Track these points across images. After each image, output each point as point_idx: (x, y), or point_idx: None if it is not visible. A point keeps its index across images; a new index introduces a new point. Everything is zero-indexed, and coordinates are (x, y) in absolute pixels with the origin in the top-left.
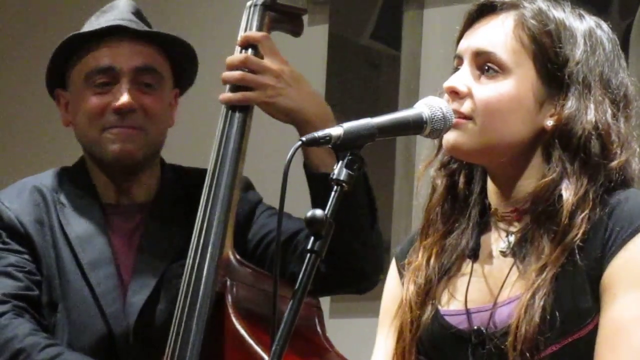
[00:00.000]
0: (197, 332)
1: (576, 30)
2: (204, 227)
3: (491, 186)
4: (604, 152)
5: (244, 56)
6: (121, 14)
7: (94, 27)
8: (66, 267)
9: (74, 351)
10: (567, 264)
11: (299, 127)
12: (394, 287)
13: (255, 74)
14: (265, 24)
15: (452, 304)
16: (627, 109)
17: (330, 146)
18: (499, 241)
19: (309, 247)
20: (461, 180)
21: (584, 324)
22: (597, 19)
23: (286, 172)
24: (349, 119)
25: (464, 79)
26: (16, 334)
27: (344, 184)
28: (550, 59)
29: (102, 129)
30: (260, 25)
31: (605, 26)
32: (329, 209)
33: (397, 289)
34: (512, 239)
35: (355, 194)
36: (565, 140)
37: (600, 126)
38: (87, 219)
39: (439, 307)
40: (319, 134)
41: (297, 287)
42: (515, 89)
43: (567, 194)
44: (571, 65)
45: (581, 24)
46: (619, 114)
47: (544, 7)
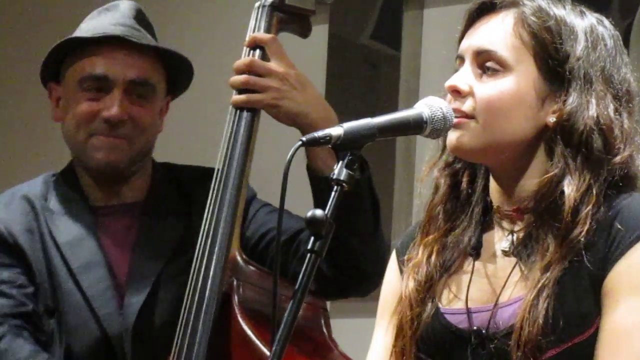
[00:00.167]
0: (203, 332)
1: (577, 26)
2: (211, 227)
3: (494, 184)
4: (607, 147)
5: (249, 60)
6: (123, 17)
7: (95, 29)
8: (57, 273)
9: None
10: (572, 264)
11: (303, 130)
12: (394, 281)
13: (260, 77)
14: (273, 25)
15: (453, 303)
16: (630, 104)
17: (330, 146)
18: (501, 240)
19: (309, 247)
20: (464, 179)
21: (585, 327)
22: (599, 15)
23: (286, 172)
24: (349, 119)
25: (465, 77)
26: (18, 358)
27: (344, 184)
28: (550, 55)
29: (90, 134)
30: (268, 26)
31: (607, 23)
32: (329, 209)
33: (397, 282)
34: (514, 238)
35: (359, 197)
36: (567, 136)
37: (602, 121)
38: (76, 223)
39: (440, 305)
40: (319, 134)
41: (297, 288)
42: (516, 86)
43: (569, 190)
44: (572, 60)
45: (582, 20)
46: (622, 109)
47: (543, 4)
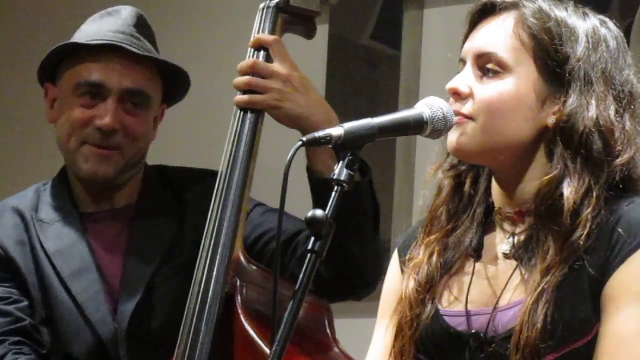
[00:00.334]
0: (206, 333)
1: (578, 28)
2: (214, 227)
3: (495, 186)
4: (607, 148)
5: (252, 61)
6: (123, 25)
7: (95, 35)
8: (49, 283)
9: None
10: (572, 268)
11: (304, 132)
12: (395, 280)
13: (263, 79)
14: (277, 26)
15: (453, 304)
16: (632, 106)
17: (330, 146)
18: (502, 242)
19: (309, 247)
20: (467, 180)
21: (584, 333)
22: (603, 17)
23: (286, 172)
24: (349, 119)
25: (466, 79)
26: None
27: (344, 184)
28: (550, 56)
29: (82, 142)
30: (272, 27)
31: (611, 24)
32: (329, 209)
33: (398, 282)
34: (515, 240)
35: (360, 200)
36: (566, 137)
37: (602, 122)
38: (66, 231)
39: (439, 306)
40: (320, 134)
41: (297, 288)
42: (515, 87)
43: (568, 192)
44: (572, 61)
45: (584, 22)
46: (624, 110)
47: (544, 6)
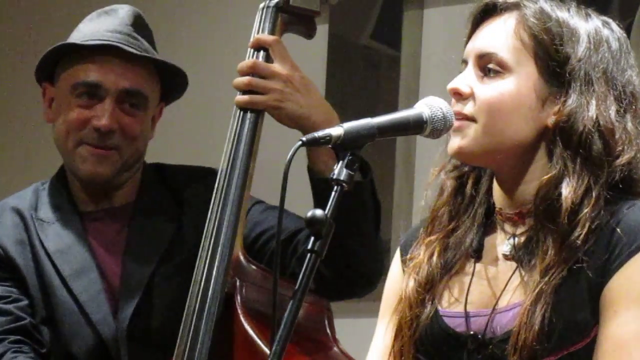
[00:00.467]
0: (206, 333)
1: (579, 28)
2: (214, 227)
3: (496, 187)
4: (607, 149)
5: (252, 61)
6: (120, 24)
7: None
8: (50, 282)
9: None
10: (571, 270)
11: (305, 133)
12: (397, 279)
13: (263, 79)
14: (277, 26)
15: (452, 305)
16: (634, 106)
17: (330, 146)
18: (503, 243)
19: (309, 247)
20: (469, 181)
21: (582, 336)
22: (606, 18)
23: (286, 172)
24: (349, 119)
25: (467, 80)
26: None
27: (344, 184)
28: (551, 56)
29: (79, 142)
30: (272, 27)
31: (614, 26)
32: (329, 209)
33: (399, 281)
34: (516, 241)
35: (362, 200)
36: (566, 137)
37: (601, 122)
38: (66, 231)
39: (439, 307)
40: (320, 134)
41: (297, 288)
42: (516, 87)
43: (567, 192)
44: (573, 62)
45: (586, 22)
46: (625, 111)
47: (546, 6)
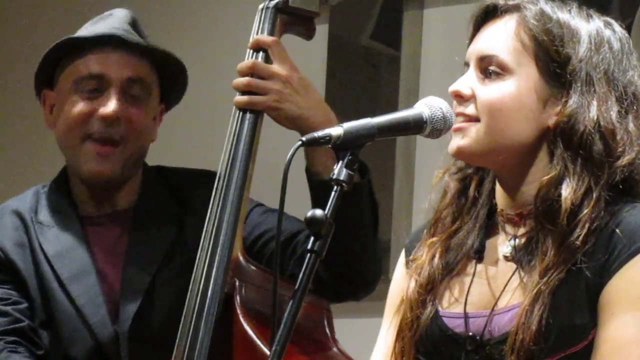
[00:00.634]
0: (205, 333)
1: (580, 29)
2: (214, 227)
3: (499, 188)
4: (608, 149)
5: (251, 62)
6: (118, 23)
7: (87, 34)
8: (48, 285)
9: None
10: (570, 272)
11: (304, 134)
12: (401, 280)
13: (263, 80)
14: (277, 27)
15: (452, 306)
16: (635, 107)
17: (330, 146)
18: (503, 244)
19: (309, 247)
20: (473, 183)
21: (580, 339)
22: (608, 19)
23: (286, 172)
24: (349, 119)
25: (468, 82)
26: None
27: (343, 184)
28: (551, 57)
29: (84, 137)
30: (272, 28)
31: (616, 26)
32: (329, 209)
33: (403, 282)
34: (516, 242)
35: (359, 201)
36: (566, 137)
37: (602, 123)
38: (66, 234)
39: (439, 307)
40: (319, 133)
41: (296, 288)
42: (517, 89)
43: (567, 192)
44: (573, 62)
45: (587, 23)
46: (627, 112)
47: (546, 7)
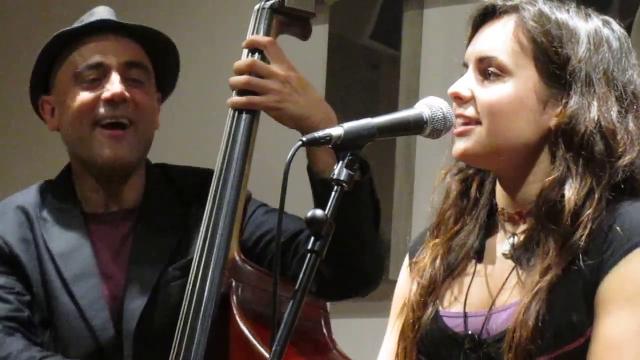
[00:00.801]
0: (202, 333)
1: (579, 29)
2: (210, 228)
3: (499, 188)
4: (609, 150)
5: (251, 60)
6: (102, 16)
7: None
8: (51, 283)
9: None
10: (568, 269)
11: (305, 133)
12: (405, 282)
13: (262, 79)
14: (273, 27)
15: (452, 306)
16: (635, 106)
17: (330, 146)
18: (502, 242)
19: (309, 247)
20: (474, 184)
21: (576, 337)
22: (606, 18)
23: (286, 172)
24: (349, 119)
25: (467, 83)
26: (10, 352)
27: (344, 184)
28: (550, 58)
29: (94, 123)
30: (267, 28)
31: (615, 25)
32: (329, 209)
33: (407, 283)
34: (515, 240)
35: (361, 199)
36: (567, 138)
37: (603, 123)
38: (70, 232)
39: (440, 308)
40: (320, 134)
41: (297, 288)
42: (516, 91)
43: (570, 193)
44: (573, 63)
45: (586, 23)
46: (626, 111)
47: (545, 8)
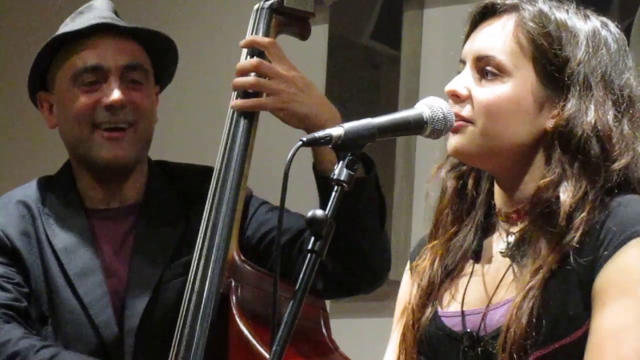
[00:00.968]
0: (201, 333)
1: (579, 31)
2: (209, 227)
3: (497, 187)
4: (604, 153)
5: (256, 61)
6: (101, 12)
7: (76, 27)
8: (54, 279)
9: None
10: (561, 267)
11: (311, 132)
12: (406, 286)
13: (268, 80)
14: (272, 27)
15: (451, 305)
16: (631, 110)
17: (330, 146)
18: (499, 241)
19: (310, 247)
20: (470, 182)
21: (572, 330)
22: (604, 19)
23: (287, 172)
24: (349, 119)
25: (464, 82)
26: (9, 338)
27: (344, 184)
28: (549, 60)
29: (93, 126)
30: (267, 28)
31: (612, 27)
32: (329, 209)
33: (408, 287)
34: (511, 239)
35: (368, 196)
36: (564, 141)
37: (600, 127)
38: (73, 228)
39: (438, 308)
40: (320, 134)
41: (297, 288)
42: (514, 92)
43: (565, 196)
44: (571, 65)
45: (585, 24)
46: (622, 115)
47: (545, 8)
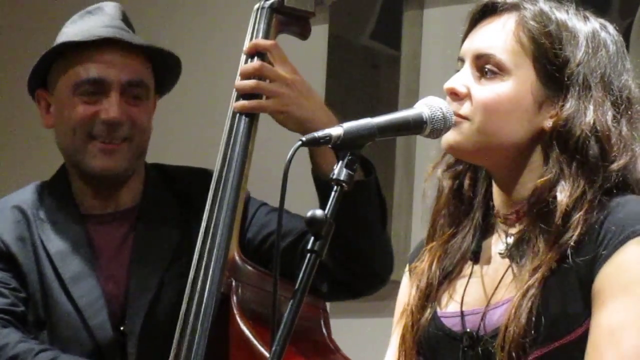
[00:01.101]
0: (202, 333)
1: (579, 31)
2: (210, 228)
3: (495, 187)
4: (603, 154)
5: (259, 64)
6: (111, 20)
7: (84, 33)
8: (49, 284)
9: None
10: (560, 266)
11: None
12: (406, 288)
13: (269, 83)
14: (272, 27)
15: (450, 306)
16: (629, 111)
17: (330, 146)
18: (498, 243)
19: (309, 247)
20: (466, 182)
21: (572, 328)
22: (603, 21)
23: (286, 172)
24: (349, 119)
25: (463, 79)
26: (7, 342)
27: (343, 184)
28: (549, 60)
29: (89, 137)
30: (267, 28)
31: (611, 28)
32: (329, 209)
33: (408, 289)
34: (510, 240)
35: (369, 199)
36: (562, 141)
37: (598, 128)
38: (68, 233)
39: (438, 309)
40: (319, 134)
41: (297, 288)
42: (513, 90)
43: (562, 196)
44: (571, 66)
45: (585, 25)
46: (621, 116)
47: (545, 8)
